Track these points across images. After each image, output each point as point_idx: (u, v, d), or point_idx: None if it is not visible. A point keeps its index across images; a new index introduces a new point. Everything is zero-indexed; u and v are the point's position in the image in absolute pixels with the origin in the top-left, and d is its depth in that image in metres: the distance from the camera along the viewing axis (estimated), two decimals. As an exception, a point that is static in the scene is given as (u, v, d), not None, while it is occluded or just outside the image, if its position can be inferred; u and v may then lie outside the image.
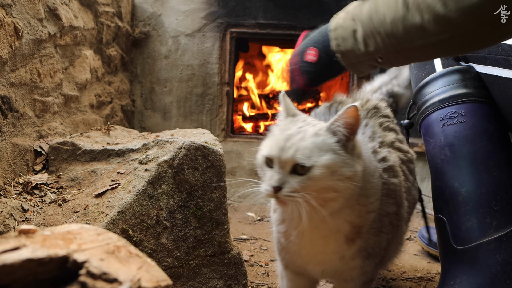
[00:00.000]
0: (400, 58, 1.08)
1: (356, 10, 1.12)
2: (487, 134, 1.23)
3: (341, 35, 1.13)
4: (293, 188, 0.91)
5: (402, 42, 1.03)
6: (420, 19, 0.99)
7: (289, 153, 0.92)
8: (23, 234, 0.59)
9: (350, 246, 1.04)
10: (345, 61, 1.15)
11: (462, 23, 0.95)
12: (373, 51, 1.08)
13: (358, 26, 1.10)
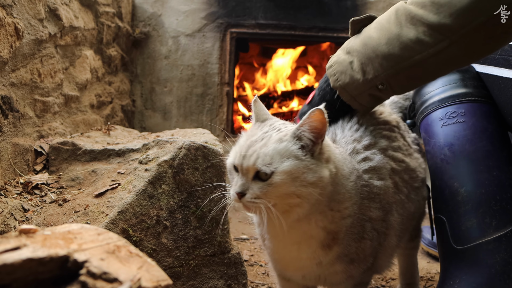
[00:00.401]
0: (401, 79, 1.05)
1: (350, 44, 1.12)
2: (486, 134, 1.23)
3: (337, 70, 1.12)
4: (255, 195, 0.92)
5: (400, 61, 1.02)
6: (415, 32, 0.98)
7: (251, 160, 0.92)
8: (24, 234, 0.59)
9: (327, 253, 1.01)
10: (345, 96, 1.13)
11: (458, 27, 0.94)
12: (372, 77, 1.06)
13: (354, 57, 1.09)
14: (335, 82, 1.12)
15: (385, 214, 1.08)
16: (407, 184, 1.20)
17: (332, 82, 1.13)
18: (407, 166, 1.21)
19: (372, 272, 1.16)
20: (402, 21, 1.01)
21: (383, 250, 1.13)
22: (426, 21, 0.97)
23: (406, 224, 1.22)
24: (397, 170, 1.17)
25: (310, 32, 2.69)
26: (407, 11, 1.01)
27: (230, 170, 1.00)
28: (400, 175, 1.17)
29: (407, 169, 1.21)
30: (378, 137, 1.18)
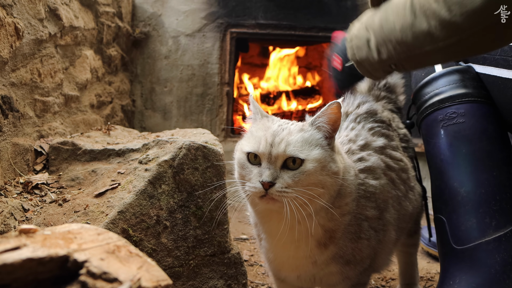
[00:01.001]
0: (412, 63, 1.10)
1: (369, 20, 1.16)
2: (486, 134, 1.23)
3: (356, 44, 1.18)
4: (285, 184, 0.90)
5: (412, 48, 1.06)
6: (427, 25, 1.01)
7: (281, 147, 0.91)
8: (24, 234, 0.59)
9: (323, 252, 1.02)
10: (361, 69, 1.19)
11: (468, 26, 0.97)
12: (386, 58, 1.11)
13: (371, 35, 1.13)
14: (353, 55, 1.19)
15: (380, 213, 1.09)
16: (404, 182, 1.21)
17: (350, 55, 1.20)
18: (405, 164, 1.23)
19: (370, 272, 1.16)
20: (416, 11, 1.04)
21: (382, 246, 1.12)
22: (438, 16, 1.00)
23: (404, 220, 1.22)
24: (394, 167, 1.18)
25: (310, 32, 2.69)
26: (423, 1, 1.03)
27: (244, 163, 0.97)
28: (397, 173, 1.19)
29: (404, 168, 1.23)
30: (376, 136, 1.20)
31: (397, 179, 1.18)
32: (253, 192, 0.92)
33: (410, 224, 1.31)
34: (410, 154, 1.35)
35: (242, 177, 0.97)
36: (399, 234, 1.22)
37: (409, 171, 1.26)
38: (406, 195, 1.21)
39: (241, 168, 0.98)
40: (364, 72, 1.20)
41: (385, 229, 1.11)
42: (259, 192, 0.91)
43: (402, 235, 1.28)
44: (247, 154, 0.96)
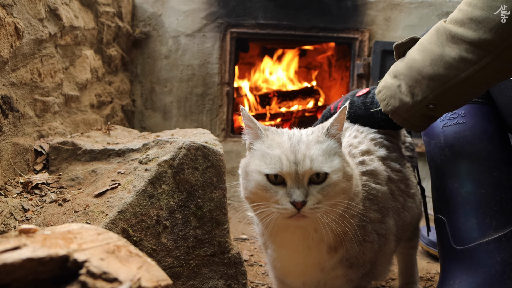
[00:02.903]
0: (450, 97, 1.06)
1: (394, 68, 1.14)
2: (487, 135, 1.23)
3: (386, 94, 1.14)
4: (317, 199, 0.89)
5: (446, 80, 1.02)
6: (458, 51, 0.99)
7: (306, 164, 0.89)
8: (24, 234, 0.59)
9: (332, 256, 1.02)
10: (397, 119, 1.14)
11: (499, 41, 0.94)
12: (421, 99, 1.07)
13: (401, 81, 1.10)
14: (386, 106, 1.14)
15: (383, 217, 1.09)
16: (403, 193, 1.21)
17: (383, 107, 1.15)
18: (403, 175, 1.23)
19: (370, 278, 1.16)
20: (443, 41, 1.02)
21: (382, 255, 1.13)
22: (466, 39, 0.97)
23: (403, 230, 1.22)
24: (394, 179, 1.18)
25: (310, 32, 2.69)
26: (447, 30, 1.02)
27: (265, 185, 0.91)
28: (396, 184, 1.18)
29: (404, 178, 1.22)
30: (378, 146, 1.19)
31: (396, 191, 1.18)
32: (282, 214, 0.90)
33: (408, 232, 1.32)
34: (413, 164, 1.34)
35: (265, 199, 0.93)
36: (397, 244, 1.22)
37: (409, 180, 1.25)
38: (405, 205, 1.20)
39: (263, 191, 0.92)
40: (400, 122, 1.14)
41: (387, 234, 1.10)
42: (291, 212, 0.89)
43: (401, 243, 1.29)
44: (266, 176, 0.92)
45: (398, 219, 1.16)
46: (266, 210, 0.93)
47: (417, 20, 2.61)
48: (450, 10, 2.57)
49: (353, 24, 2.65)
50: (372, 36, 2.64)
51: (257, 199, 0.95)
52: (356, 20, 2.65)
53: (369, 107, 1.22)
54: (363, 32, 2.65)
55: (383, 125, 1.23)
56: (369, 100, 1.23)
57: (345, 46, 2.89)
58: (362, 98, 1.25)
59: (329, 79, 3.39)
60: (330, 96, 3.36)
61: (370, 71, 2.61)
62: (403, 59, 1.13)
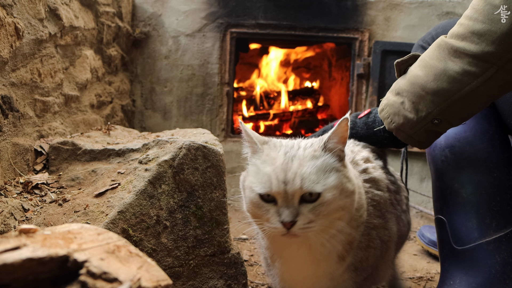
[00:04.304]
0: (455, 111, 1.05)
1: (396, 86, 1.13)
2: (487, 136, 1.23)
3: (390, 112, 1.13)
4: (308, 219, 0.87)
5: (450, 94, 1.02)
6: (461, 64, 0.99)
7: (296, 183, 0.86)
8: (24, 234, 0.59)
9: (341, 265, 1.00)
10: (402, 136, 1.13)
11: (502, 52, 0.94)
12: (426, 114, 1.06)
13: (404, 98, 1.09)
14: (390, 124, 1.13)
15: (385, 222, 1.08)
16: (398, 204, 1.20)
17: (387, 125, 1.14)
18: (398, 187, 1.22)
19: (371, 283, 1.14)
20: (445, 56, 1.02)
21: (384, 261, 1.12)
22: (469, 52, 0.97)
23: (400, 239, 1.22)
24: (391, 188, 1.18)
25: (310, 32, 2.69)
26: (449, 45, 1.02)
27: (257, 203, 0.91)
28: (394, 195, 1.18)
29: (398, 190, 1.22)
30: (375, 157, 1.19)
31: (394, 200, 1.18)
32: (273, 232, 0.89)
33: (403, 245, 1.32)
34: None
35: (258, 216, 0.92)
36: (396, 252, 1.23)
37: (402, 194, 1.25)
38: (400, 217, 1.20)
39: (256, 208, 0.92)
40: (405, 139, 1.13)
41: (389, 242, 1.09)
42: (281, 231, 0.88)
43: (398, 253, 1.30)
44: (259, 194, 0.91)
45: (398, 227, 1.16)
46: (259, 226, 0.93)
47: (417, 20, 2.61)
48: (450, 10, 2.57)
49: (353, 24, 2.65)
50: (372, 36, 2.64)
51: (253, 216, 0.94)
52: (356, 20, 2.65)
53: (371, 126, 1.21)
54: (363, 32, 2.65)
55: (386, 143, 1.21)
56: (371, 120, 1.22)
57: (345, 46, 2.89)
58: (363, 119, 1.24)
59: (329, 79, 3.39)
60: (330, 96, 3.36)
61: (370, 71, 2.61)
62: (404, 76, 1.12)
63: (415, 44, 1.45)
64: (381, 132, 1.19)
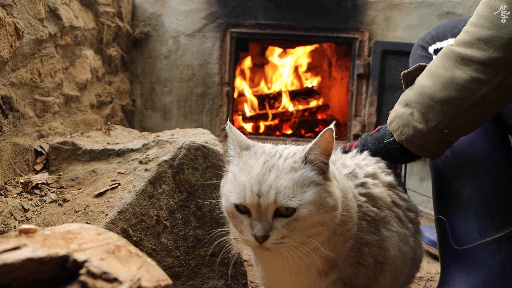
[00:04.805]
0: (465, 120, 1.04)
1: (404, 97, 1.12)
2: (487, 136, 1.23)
3: (399, 123, 1.11)
4: (281, 234, 0.83)
5: (460, 103, 1.01)
6: (469, 72, 0.98)
7: (270, 197, 0.82)
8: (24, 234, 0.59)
9: (323, 280, 0.96)
10: (412, 147, 1.11)
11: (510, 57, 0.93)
12: (436, 124, 1.05)
13: (413, 108, 1.08)
14: (400, 136, 1.12)
15: (381, 240, 1.02)
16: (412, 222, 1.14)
17: (397, 137, 1.13)
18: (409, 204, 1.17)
19: None
20: (452, 64, 1.01)
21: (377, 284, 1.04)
22: (477, 59, 0.97)
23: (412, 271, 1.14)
24: (401, 205, 1.13)
25: (310, 32, 2.69)
26: (455, 53, 1.01)
27: (232, 213, 0.88)
28: (403, 211, 1.12)
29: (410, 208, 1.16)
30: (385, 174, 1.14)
31: (404, 217, 1.12)
32: (247, 244, 0.88)
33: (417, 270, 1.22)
34: None
35: (234, 225, 0.90)
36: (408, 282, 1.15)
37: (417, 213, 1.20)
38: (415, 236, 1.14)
39: (231, 217, 0.90)
40: (416, 150, 1.11)
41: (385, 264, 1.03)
42: (254, 244, 0.86)
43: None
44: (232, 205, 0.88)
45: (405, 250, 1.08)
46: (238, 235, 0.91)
47: (417, 20, 2.61)
48: (450, 10, 2.57)
49: (353, 24, 2.65)
50: (372, 36, 2.64)
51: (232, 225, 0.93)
52: (356, 20, 2.65)
53: (381, 140, 1.20)
54: (363, 32, 2.65)
55: (398, 155, 1.18)
56: (380, 134, 1.21)
57: (345, 46, 2.89)
58: (374, 135, 1.23)
59: (329, 79, 3.39)
60: (330, 96, 3.36)
61: (370, 71, 2.61)
62: (412, 87, 1.11)
63: (415, 44, 1.45)
64: (391, 145, 1.17)
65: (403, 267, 1.09)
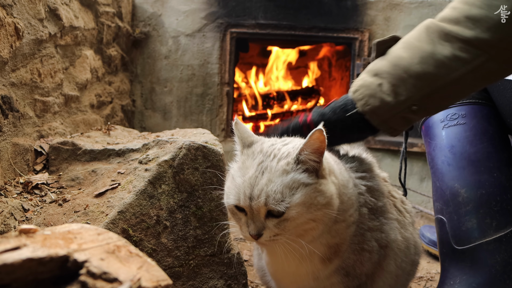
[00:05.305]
0: (436, 99, 1.00)
1: (375, 66, 1.05)
2: (487, 136, 1.23)
3: (365, 93, 1.04)
4: (273, 233, 0.89)
5: (435, 79, 0.97)
6: (451, 49, 0.95)
7: (261, 201, 0.87)
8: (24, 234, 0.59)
9: (327, 266, 0.99)
10: (375, 120, 1.05)
11: (497, 41, 0.92)
12: (405, 99, 1.00)
13: (383, 79, 1.02)
14: (364, 106, 1.04)
15: (381, 225, 1.05)
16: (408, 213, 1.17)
17: (361, 107, 1.04)
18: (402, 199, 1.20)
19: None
20: (434, 39, 0.97)
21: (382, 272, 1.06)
22: (462, 37, 0.94)
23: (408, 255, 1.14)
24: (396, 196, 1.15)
25: (310, 32, 2.68)
26: (440, 28, 0.97)
27: (232, 211, 0.94)
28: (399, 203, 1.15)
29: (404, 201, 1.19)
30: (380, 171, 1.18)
31: (401, 207, 1.14)
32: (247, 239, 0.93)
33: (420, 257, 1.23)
34: None
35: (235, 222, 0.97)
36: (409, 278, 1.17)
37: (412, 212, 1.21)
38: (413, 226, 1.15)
39: (231, 213, 0.96)
40: (378, 123, 1.05)
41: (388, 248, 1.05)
42: (250, 240, 0.92)
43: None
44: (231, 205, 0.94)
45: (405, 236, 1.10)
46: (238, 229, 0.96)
47: (417, 20, 2.61)
48: (450, 10, 2.57)
49: (353, 24, 2.65)
50: (372, 36, 2.64)
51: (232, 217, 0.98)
52: (356, 20, 2.65)
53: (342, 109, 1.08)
54: (363, 32, 2.65)
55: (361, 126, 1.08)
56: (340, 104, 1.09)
57: (345, 46, 2.89)
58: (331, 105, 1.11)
59: (329, 79, 3.39)
60: (330, 96, 3.36)
61: (370, 71, 2.61)
62: (384, 57, 1.05)
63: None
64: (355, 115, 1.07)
65: (407, 253, 1.10)
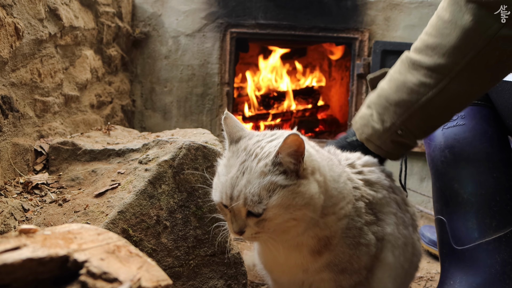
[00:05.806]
0: (416, 122, 1.10)
1: (369, 98, 1.19)
2: (486, 136, 1.23)
3: (360, 123, 1.19)
4: (254, 230, 0.92)
5: (410, 105, 1.08)
6: (418, 76, 1.06)
7: (240, 202, 0.89)
8: (24, 234, 0.59)
9: (316, 260, 0.99)
10: (371, 146, 1.18)
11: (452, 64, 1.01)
12: (390, 125, 1.12)
13: (373, 110, 1.15)
14: (361, 135, 1.19)
15: (377, 220, 1.04)
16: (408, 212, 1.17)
17: (359, 136, 1.20)
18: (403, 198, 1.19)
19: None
20: (405, 69, 1.09)
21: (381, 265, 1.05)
22: (424, 64, 1.05)
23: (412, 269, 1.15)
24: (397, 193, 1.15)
25: (310, 32, 2.68)
26: (409, 58, 1.09)
27: (219, 206, 0.97)
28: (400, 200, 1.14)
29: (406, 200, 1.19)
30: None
31: (402, 204, 1.14)
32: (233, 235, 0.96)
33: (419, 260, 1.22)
34: None
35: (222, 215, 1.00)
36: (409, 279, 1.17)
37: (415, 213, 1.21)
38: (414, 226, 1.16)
39: (219, 209, 0.99)
40: (374, 149, 1.18)
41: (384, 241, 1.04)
42: (236, 235, 0.95)
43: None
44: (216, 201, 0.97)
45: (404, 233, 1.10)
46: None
47: (417, 20, 2.61)
48: (450, 10, 2.57)
49: (353, 24, 2.65)
50: (372, 36, 2.64)
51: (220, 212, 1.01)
52: (356, 20, 2.65)
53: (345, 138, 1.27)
54: (363, 32, 2.65)
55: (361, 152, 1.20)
56: (346, 135, 1.28)
57: (345, 46, 2.89)
58: (340, 136, 1.31)
59: (329, 79, 3.39)
60: (330, 96, 3.36)
61: (370, 71, 2.61)
62: (375, 90, 1.19)
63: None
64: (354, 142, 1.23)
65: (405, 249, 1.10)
